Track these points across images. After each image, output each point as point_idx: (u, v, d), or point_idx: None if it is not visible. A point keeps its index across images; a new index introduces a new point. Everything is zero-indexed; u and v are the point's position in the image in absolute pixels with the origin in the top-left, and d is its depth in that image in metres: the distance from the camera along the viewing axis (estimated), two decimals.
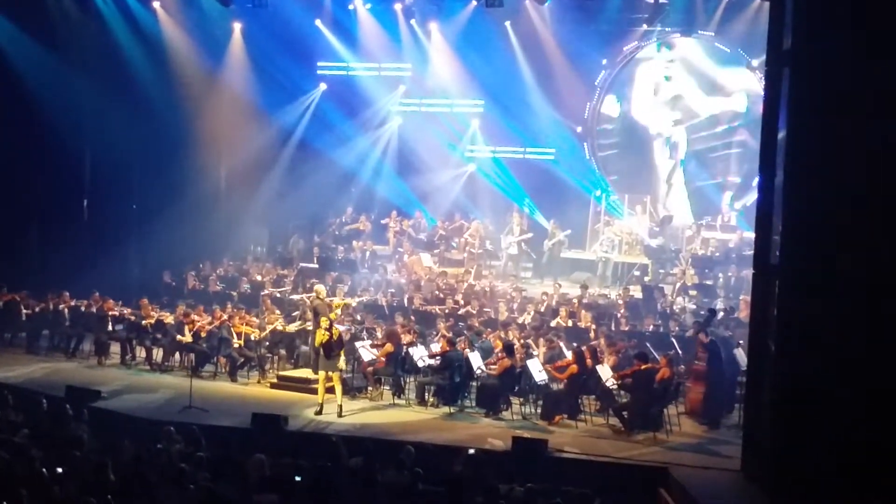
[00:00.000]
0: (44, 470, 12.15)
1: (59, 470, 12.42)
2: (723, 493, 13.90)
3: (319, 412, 17.48)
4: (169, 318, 21.19)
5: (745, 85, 27.45)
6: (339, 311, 19.87)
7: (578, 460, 15.44)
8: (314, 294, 20.18)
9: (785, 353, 13.02)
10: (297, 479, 12.79)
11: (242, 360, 20.30)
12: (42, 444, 13.74)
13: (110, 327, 21.64)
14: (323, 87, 30.35)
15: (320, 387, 17.74)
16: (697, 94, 28.24)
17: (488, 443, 16.06)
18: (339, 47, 29.65)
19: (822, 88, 12.78)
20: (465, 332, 20.14)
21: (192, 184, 28.00)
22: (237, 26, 28.96)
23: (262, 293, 23.73)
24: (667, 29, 27.94)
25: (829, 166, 12.70)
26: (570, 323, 21.10)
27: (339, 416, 17.35)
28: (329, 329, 17.65)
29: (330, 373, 17.68)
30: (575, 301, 22.80)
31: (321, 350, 17.74)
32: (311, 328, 20.03)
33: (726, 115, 27.94)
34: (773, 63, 14.24)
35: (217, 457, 13.80)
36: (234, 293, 24.37)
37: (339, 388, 17.70)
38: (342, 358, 18.16)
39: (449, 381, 18.18)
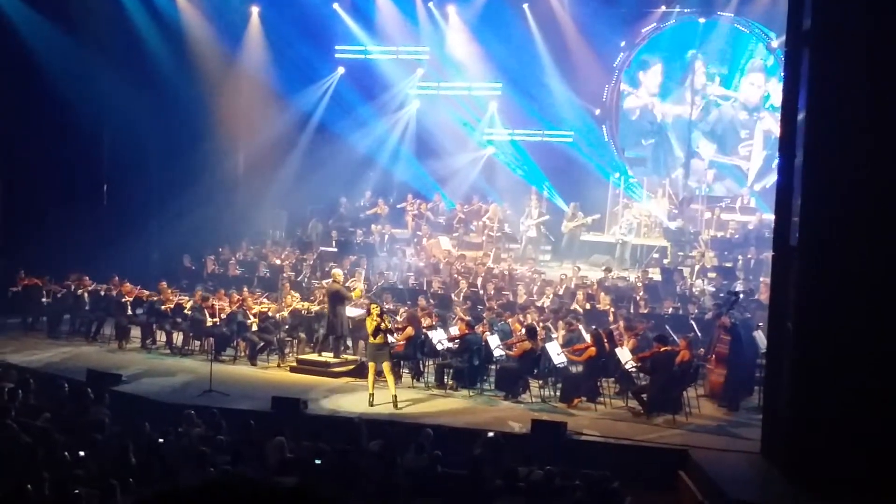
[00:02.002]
0: (66, 453, 12.25)
1: (81, 453, 12.52)
2: (742, 475, 13.90)
3: (372, 403, 17.13)
4: (188, 303, 21.25)
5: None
6: (359, 291, 19.96)
7: (598, 443, 15.46)
8: (331, 279, 20.22)
9: (804, 335, 12.99)
10: (318, 462, 12.86)
11: (262, 343, 20.34)
12: (64, 428, 13.86)
13: (130, 311, 21.72)
14: (341, 70, 30.32)
15: (370, 377, 17.41)
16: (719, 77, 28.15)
17: (507, 425, 16.08)
18: (357, 31, 29.64)
19: (841, 69, 12.71)
20: (485, 315, 20.13)
21: (211, 168, 28.05)
22: (255, 10, 28.96)
23: (281, 276, 23.81)
24: (685, 10, 27.80)
25: (848, 147, 12.64)
26: (588, 306, 21.06)
27: (396, 406, 16.97)
28: (380, 316, 17.28)
29: (381, 364, 17.34)
30: (594, 284, 22.79)
31: (370, 338, 17.47)
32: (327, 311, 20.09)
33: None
34: (792, 44, 14.16)
35: (237, 440, 13.88)
36: (254, 277, 24.43)
37: (391, 379, 17.31)
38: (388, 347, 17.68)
39: (468, 365, 18.19)
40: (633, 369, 17.51)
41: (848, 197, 12.64)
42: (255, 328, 20.31)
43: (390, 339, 18.44)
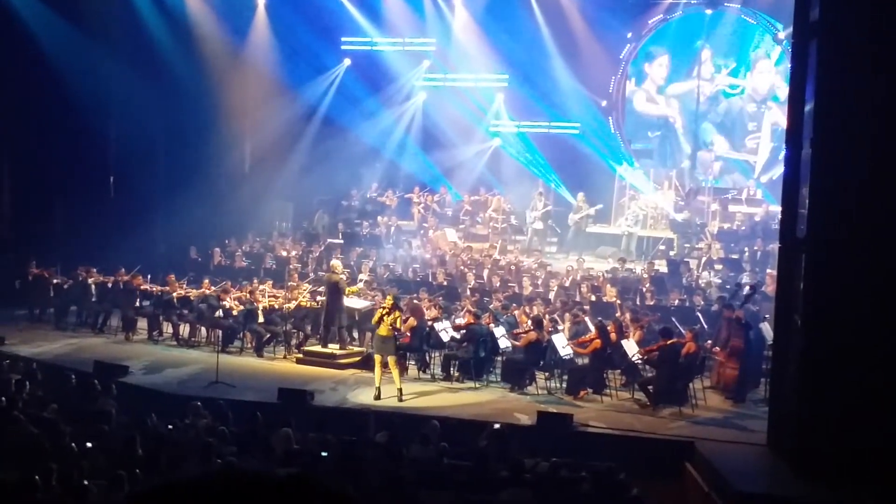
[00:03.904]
0: (73, 445, 12.28)
1: (89, 444, 12.55)
2: (748, 467, 13.89)
3: (378, 396, 17.04)
4: (194, 294, 21.27)
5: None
6: (356, 287, 20.00)
7: (604, 435, 15.45)
8: (330, 269, 20.27)
9: (811, 328, 12.97)
10: (324, 453, 12.87)
11: (268, 335, 20.38)
12: (71, 419, 13.89)
13: (137, 303, 21.76)
14: (347, 62, 30.28)
15: (376, 369, 17.33)
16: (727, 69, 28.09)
17: (514, 417, 16.08)
18: (363, 22, 29.58)
19: (849, 60, 12.68)
20: (490, 306, 20.12)
21: (218, 160, 28.07)
22: (261, 1, 28.96)
23: (288, 268, 23.84)
24: (692, 1, 27.72)
25: (856, 140, 12.61)
26: (593, 298, 21.06)
27: (400, 399, 16.91)
28: (389, 309, 17.20)
29: (386, 357, 17.23)
30: (600, 276, 22.79)
31: (377, 330, 17.41)
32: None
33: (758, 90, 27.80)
34: (800, 35, 14.12)
35: (244, 431, 13.91)
36: (260, 269, 24.45)
37: (395, 372, 17.20)
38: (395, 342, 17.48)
39: (474, 356, 18.18)
40: (640, 361, 17.50)
41: (855, 189, 12.62)
42: (261, 320, 20.34)
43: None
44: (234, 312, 20.49)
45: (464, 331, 18.37)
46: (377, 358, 17.36)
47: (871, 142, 12.56)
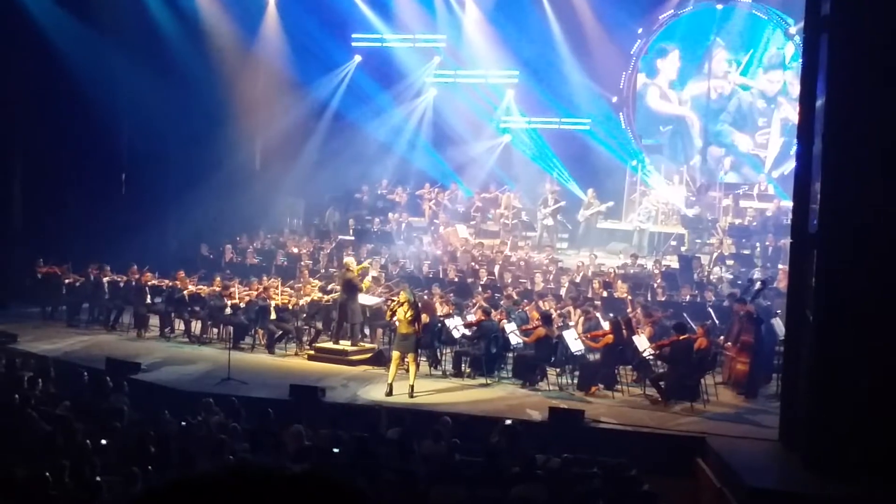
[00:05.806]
0: (87, 441, 12.32)
1: (103, 442, 12.60)
2: (760, 462, 13.87)
3: (389, 392, 17.04)
4: (206, 291, 21.31)
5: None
6: (368, 281, 19.99)
7: (615, 430, 15.46)
8: (344, 267, 20.30)
9: (823, 323, 12.94)
10: (335, 450, 12.90)
11: (280, 332, 20.40)
12: (83, 416, 13.94)
13: (149, 300, 21.80)
14: (358, 58, 30.29)
15: (392, 366, 17.32)
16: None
17: (525, 413, 16.08)
18: (374, 19, 29.57)
19: (860, 55, 12.64)
20: (502, 303, 20.11)
21: (229, 157, 28.08)
22: None
23: (299, 265, 23.87)
24: None
25: (867, 134, 12.57)
26: (605, 293, 21.04)
27: (411, 396, 16.93)
28: (401, 303, 17.24)
29: (407, 354, 17.22)
30: (611, 271, 22.78)
31: (397, 327, 17.39)
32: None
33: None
34: (811, 29, 14.09)
35: (256, 428, 13.94)
36: (272, 265, 24.49)
37: (412, 369, 17.21)
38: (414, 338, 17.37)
39: (485, 352, 18.17)
40: (651, 357, 17.48)
41: (867, 184, 12.58)
42: (273, 316, 20.37)
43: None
44: (242, 305, 20.51)
45: (475, 328, 18.37)
46: (396, 354, 17.35)
47: (882, 136, 12.52)
